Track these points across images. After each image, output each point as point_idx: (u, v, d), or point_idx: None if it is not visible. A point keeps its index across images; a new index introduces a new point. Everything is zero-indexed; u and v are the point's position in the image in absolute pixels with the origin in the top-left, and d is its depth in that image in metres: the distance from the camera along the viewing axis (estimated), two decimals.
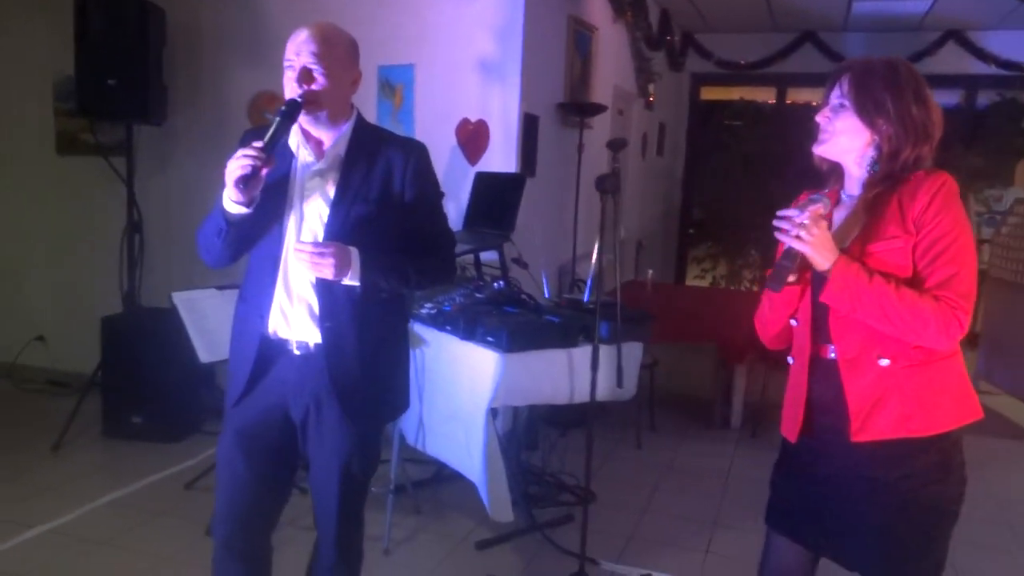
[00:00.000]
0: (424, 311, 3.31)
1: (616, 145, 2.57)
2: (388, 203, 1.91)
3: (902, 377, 1.64)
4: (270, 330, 1.95)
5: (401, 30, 4.23)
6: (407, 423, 3.48)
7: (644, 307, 3.78)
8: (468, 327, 3.06)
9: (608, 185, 2.48)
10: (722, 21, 7.58)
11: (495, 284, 3.44)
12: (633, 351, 3.19)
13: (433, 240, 2.03)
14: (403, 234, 1.96)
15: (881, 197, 1.66)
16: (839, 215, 1.75)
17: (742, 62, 8.00)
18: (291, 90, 1.85)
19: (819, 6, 6.80)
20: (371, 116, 4.27)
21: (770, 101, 8.49)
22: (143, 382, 4.19)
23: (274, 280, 1.92)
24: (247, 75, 4.53)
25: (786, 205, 1.71)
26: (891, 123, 1.65)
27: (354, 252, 1.84)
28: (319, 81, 1.84)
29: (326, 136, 1.94)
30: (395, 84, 4.26)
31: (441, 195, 2.12)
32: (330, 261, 1.78)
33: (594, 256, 3.09)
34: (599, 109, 4.67)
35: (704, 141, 8.67)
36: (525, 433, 3.97)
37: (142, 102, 4.23)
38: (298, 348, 1.95)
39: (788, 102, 8.44)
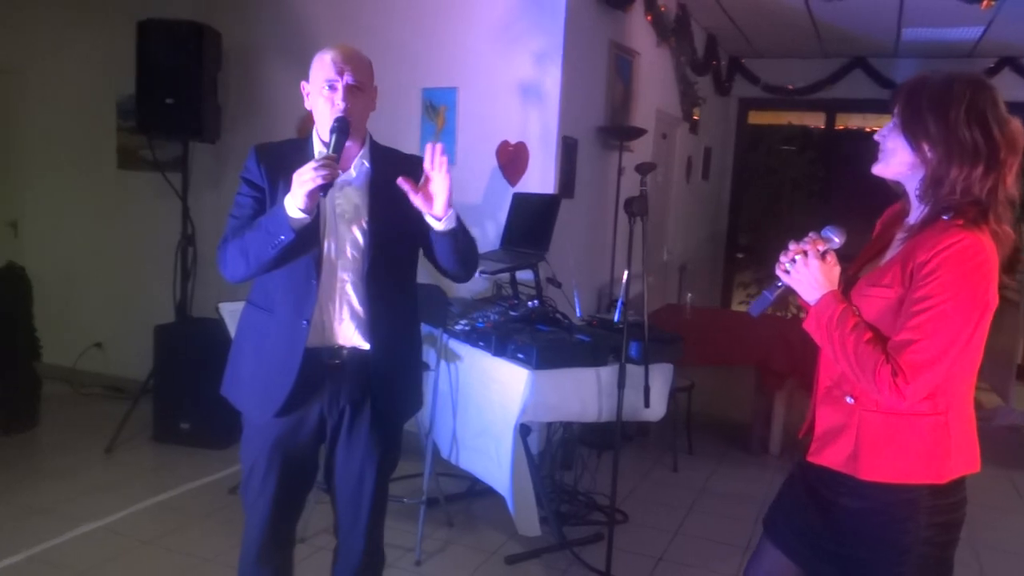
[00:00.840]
0: (458, 327, 3.40)
1: (644, 169, 2.62)
2: (412, 209, 1.96)
3: (863, 418, 1.64)
4: (311, 337, 1.99)
5: (445, 54, 4.36)
6: (441, 437, 3.56)
7: (680, 330, 3.80)
8: (500, 344, 3.13)
9: (636, 207, 2.53)
10: (770, 47, 7.58)
11: (529, 303, 3.51)
12: (662, 372, 3.22)
13: None
14: (425, 230, 2.01)
15: (914, 236, 1.59)
16: (896, 238, 1.70)
17: (790, 87, 7.97)
18: (337, 109, 1.93)
19: (868, 32, 6.77)
20: (414, 137, 4.41)
21: (819, 126, 8.43)
22: (192, 389, 4.34)
23: (314, 288, 1.97)
24: (297, 95, 4.65)
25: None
26: (935, 146, 1.54)
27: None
28: (358, 99, 1.96)
29: (352, 150, 2.03)
30: (438, 106, 4.38)
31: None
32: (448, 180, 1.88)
33: (624, 277, 3.12)
34: (639, 133, 4.73)
35: (751, 165, 8.64)
36: (560, 452, 4.02)
37: (198, 120, 4.43)
38: (338, 354, 2.02)
39: (839, 127, 8.38)
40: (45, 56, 5.42)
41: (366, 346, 2.02)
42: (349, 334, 2.02)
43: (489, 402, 3.20)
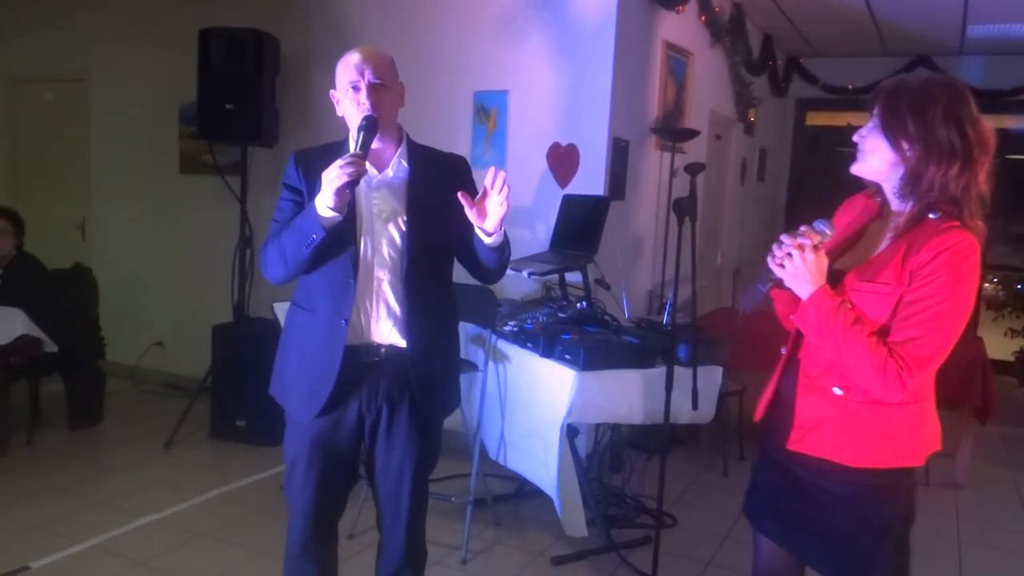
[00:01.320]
0: (507, 328, 3.42)
1: (694, 169, 2.60)
2: (454, 208, 1.99)
3: (850, 408, 1.69)
4: (351, 337, 2.03)
5: (496, 58, 4.39)
6: (489, 437, 3.58)
7: (732, 334, 3.75)
8: (548, 345, 3.14)
9: (684, 208, 2.51)
10: (829, 46, 7.43)
11: (578, 304, 3.51)
12: (711, 375, 3.19)
13: None
14: (466, 233, 2.03)
15: (902, 235, 1.65)
16: (870, 230, 1.78)
17: (850, 87, 7.80)
18: (364, 108, 1.97)
19: (932, 29, 6.58)
20: (466, 140, 4.45)
21: None
22: (247, 388, 4.44)
23: (352, 288, 2.01)
24: None
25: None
26: (913, 144, 1.62)
27: None
28: (384, 98, 1.99)
29: (387, 150, 2.07)
30: (489, 109, 4.41)
31: None
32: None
33: (672, 279, 3.10)
34: (692, 134, 4.68)
35: (808, 167, 8.47)
36: (608, 455, 4.00)
37: (256, 126, 4.55)
38: (376, 352, 2.05)
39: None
40: (112, 64, 5.62)
41: (403, 344, 2.04)
42: (386, 333, 2.05)
43: (537, 403, 3.21)
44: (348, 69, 2.00)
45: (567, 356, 3.05)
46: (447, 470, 3.81)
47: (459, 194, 1.89)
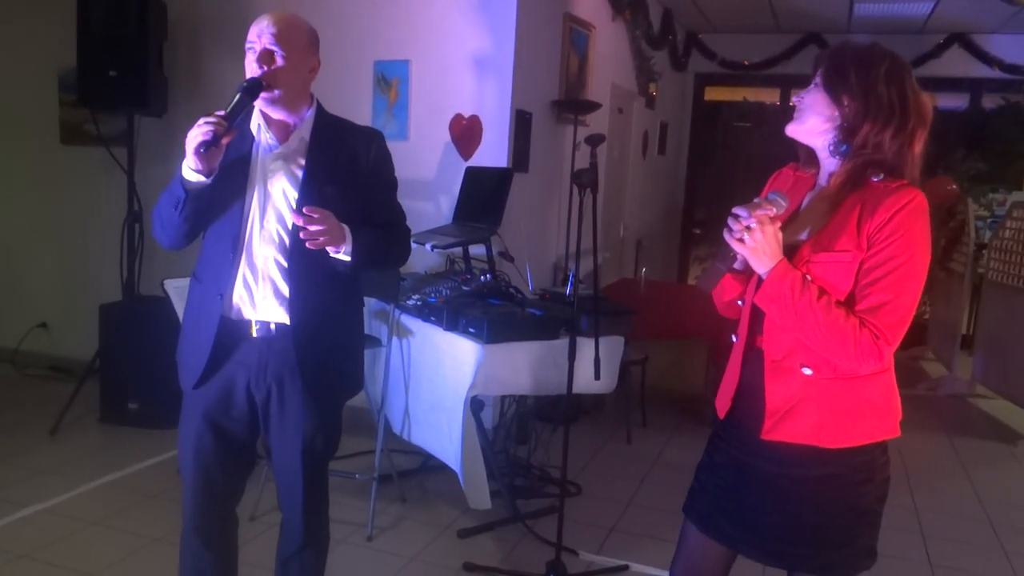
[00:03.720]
0: (410, 303, 3.38)
1: (594, 140, 2.61)
2: (354, 185, 1.96)
3: (822, 387, 1.63)
4: (231, 311, 1.99)
5: (397, 26, 4.29)
6: (393, 413, 3.55)
7: (634, 304, 3.82)
8: (452, 318, 3.12)
9: (585, 179, 2.52)
10: (726, 22, 7.60)
11: (482, 277, 3.49)
12: (613, 345, 3.24)
13: (394, 222, 2.12)
14: (367, 215, 2.01)
15: (845, 194, 1.61)
16: (807, 202, 1.73)
17: (746, 63, 8.01)
18: (251, 70, 1.92)
19: (821, 8, 6.82)
20: (367, 110, 4.35)
21: (775, 102, 8.50)
22: (139, 369, 4.27)
23: (235, 260, 1.96)
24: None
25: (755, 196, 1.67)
26: (855, 99, 1.60)
27: (346, 228, 1.90)
28: (278, 63, 1.91)
29: (288, 121, 2.00)
30: (391, 79, 4.32)
31: (396, 181, 2.17)
32: (331, 228, 1.83)
33: (576, 251, 3.13)
34: (594, 107, 4.71)
35: (707, 141, 8.69)
36: (514, 426, 4.03)
37: (142, 93, 4.30)
38: (260, 329, 1.99)
39: (792, 103, 8.44)
40: None
41: (283, 320, 1.99)
42: (272, 310, 1.98)
43: (441, 377, 3.19)
44: (251, 29, 1.94)
45: (471, 329, 3.04)
46: (351, 447, 3.75)
47: (303, 209, 1.83)
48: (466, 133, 4.21)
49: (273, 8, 2.08)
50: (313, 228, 1.81)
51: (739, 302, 1.81)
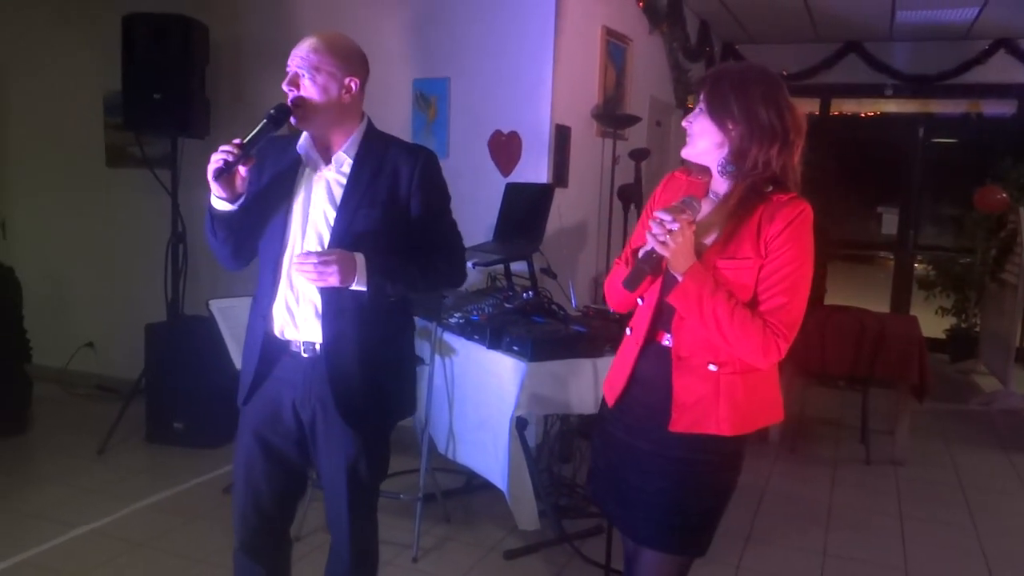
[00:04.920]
0: (453, 321, 3.35)
1: (638, 155, 2.57)
2: (394, 208, 1.94)
3: (726, 382, 1.76)
4: (275, 330, 1.99)
5: (436, 44, 4.31)
6: (437, 431, 3.52)
7: None
8: (495, 336, 3.09)
9: (629, 194, 2.48)
10: (764, 32, 7.52)
11: (524, 294, 3.46)
12: None
13: (440, 244, 2.05)
14: (410, 239, 1.99)
15: (746, 209, 1.71)
16: (704, 212, 1.80)
17: (784, 72, 7.90)
18: (290, 96, 1.92)
19: (862, 16, 6.71)
20: (406, 128, 4.36)
21: (814, 112, 8.38)
22: (184, 389, 4.30)
23: (277, 280, 1.97)
24: None
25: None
26: (738, 123, 1.71)
27: (359, 257, 1.87)
28: (304, 87, 1.90)
29: (332, 141, 1.99)
30: (429, 97, 4.32)
31: (449, 200, 2.12)
32: (334, 269, 1.81)
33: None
34: (633, 120, 4.67)
35: None
36: (558, 445, 3.97)
37: (186, 116, 4.36)
38: (304, 350, 1.98)
39: (834, 113, 8.32)
40: (30, 53, 5.35)
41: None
42: (314, 331, 1.97)
43: (485, 395, 3.16)
44: (292, 52, 1.94)
45: (515, 347, 3.00)
46: (395, 466, 3.68)
47: (296, 258, 1.87)
48: (505, 149, 4.20)
49: (314, 28, 2.07)
50: (304, 275, 1.83)
51: (639, 300, 1.89)
